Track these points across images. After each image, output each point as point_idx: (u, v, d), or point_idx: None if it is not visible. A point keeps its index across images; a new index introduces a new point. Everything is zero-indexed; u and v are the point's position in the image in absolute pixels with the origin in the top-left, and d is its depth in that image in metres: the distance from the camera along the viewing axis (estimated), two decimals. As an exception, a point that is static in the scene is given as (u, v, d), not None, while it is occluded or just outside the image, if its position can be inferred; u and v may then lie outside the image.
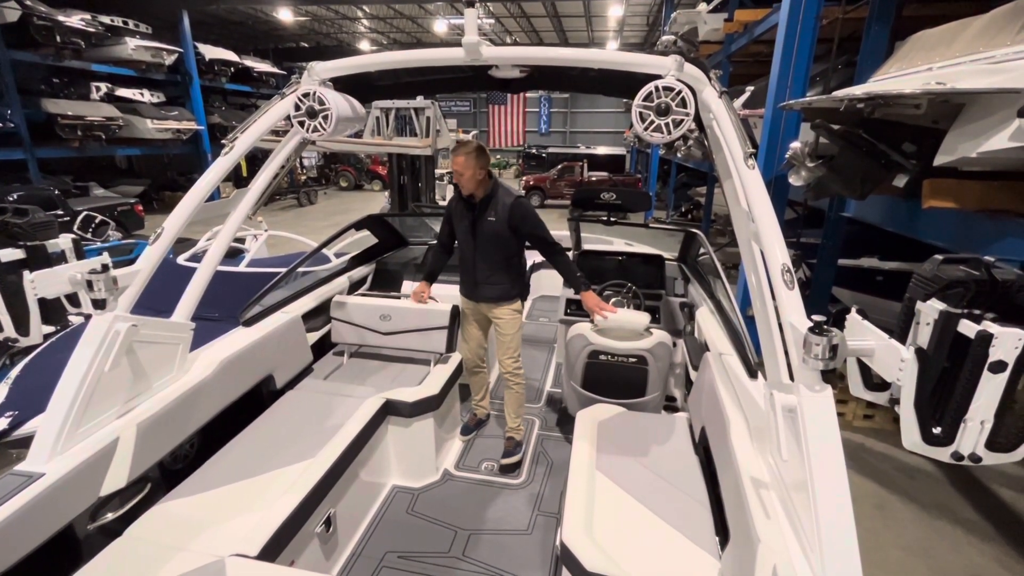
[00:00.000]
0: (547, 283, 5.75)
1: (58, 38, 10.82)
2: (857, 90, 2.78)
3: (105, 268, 1.69)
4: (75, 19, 11.09)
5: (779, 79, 4.35)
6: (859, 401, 5.17)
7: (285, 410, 2.56)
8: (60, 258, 1.76)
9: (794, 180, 3.38)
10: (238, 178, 15.29)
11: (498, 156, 28.61)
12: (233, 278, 3.99)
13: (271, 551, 1.68)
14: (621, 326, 2.77)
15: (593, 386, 2.82)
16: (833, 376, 4.44)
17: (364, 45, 21.79)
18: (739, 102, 6.37)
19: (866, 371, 1.27)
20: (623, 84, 1.86)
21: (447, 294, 3.21)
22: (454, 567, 2.25)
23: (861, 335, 1.24)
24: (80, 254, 1.77)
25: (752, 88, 6.34)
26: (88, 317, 1.75)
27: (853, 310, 1.25)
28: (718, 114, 1.66)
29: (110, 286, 1.70)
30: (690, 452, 2.30)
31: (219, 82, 16.27)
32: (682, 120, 1.58)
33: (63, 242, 1.73)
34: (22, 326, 1.62)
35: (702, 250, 3.65)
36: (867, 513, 3.32)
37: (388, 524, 2.49)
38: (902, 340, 1.18)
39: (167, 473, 2.12)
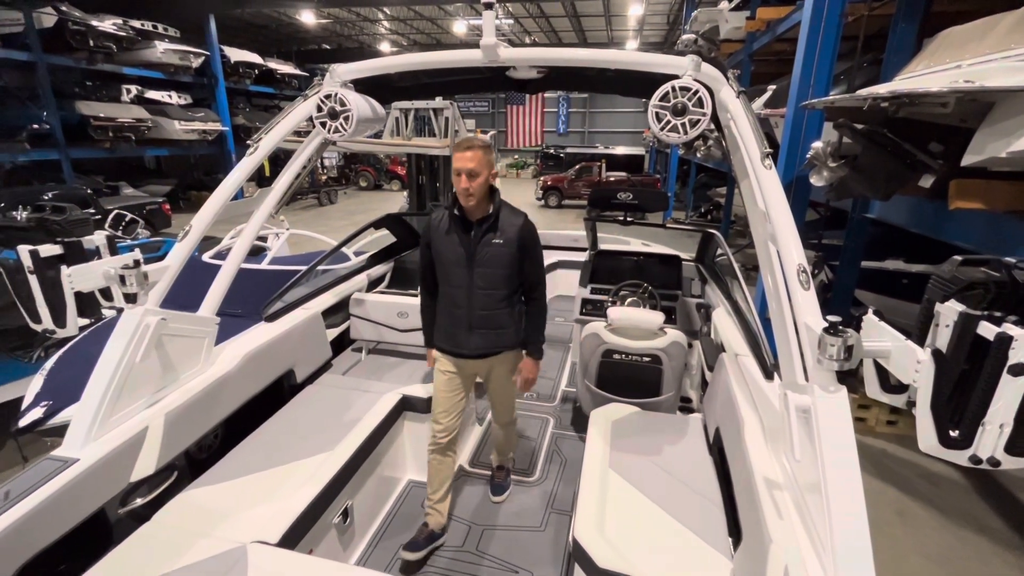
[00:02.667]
0: (563, 283, 5.75)
1: (91, 42, 11.21)
2: (881, 88, 2.73)
3: (137, 264, 1.78)
4: (108, 24, 11.47)
5: (801, 78, 4.28)
6: (882, 406, 5.06)
7: (305, 404, 2.62)
8: (94, 254, 1.84)
9: (815, 180, 3.32)
10: (260, 178, 15.61)
11: (516, 156, 28.64)
12: (255, 275, 4.09)
13: (291, 539, 1.73)
14: (635, 325, 2.76)
15: (607, 385, 2.82)
16: (854, 380, 4.36)
17: (384, 46, 22.03)
18: (760, 101, 6.28)
19: (883, 373, 1.25)
20: (640, 84, 1.86)
21: None
22: (467, 561, 2.28)
23: (877, 336, 1.22)
24: (113, 250, 1.85)
25: (774, 87, 6.23)
26: (120, 311, 1.83)
27: (869, 311, 1.24)
28: (735, 114, 1.65)
29: (141, 281, 1.79)
30: (704, 453, 2.29)
31: (243, 84, 16.64)
32: (699, 120, 1.58)
33: (97, 239, 1.81)
34: (59, 318, 1.70)
35: (720, 251, 3.62)
36: (888, 519, 3.25)
37: (404, 517, 2.53)
38: (921, 342, 1.16)
39: (193, 462, 2.20)
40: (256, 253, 5.04)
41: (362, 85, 2.11)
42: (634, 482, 2.03)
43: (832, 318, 1.24)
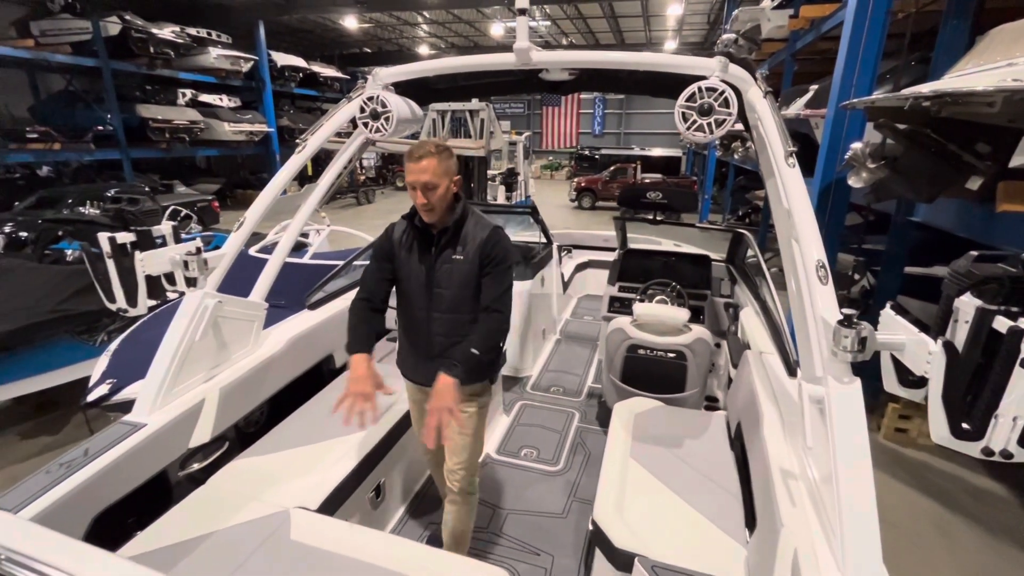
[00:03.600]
0: (592, 282, 5.78)
1: (152, 49, 11.92)
2: (924, 88, 2.66)
3: (198, 251, 1.98)
4: (166, 31, 12.17)
5: (843, 77, 4.18)
6: (924, 418, 4.87)
7: (343, 387, 2.75)
8: (162, 242, 2.04)
9: (853, 182, 3.25)
10: (302, 177, 16.21)
11: (550, 158, 28.65)
12: (298, 269, 4.29)
13: (328, 507, 1.87)
14: (660, 321, 2.78)
15: (632, 380, 2.86)
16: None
17: (423, 49, 22.45)
18: (801, 102, 6.13)
19: (902, 368, 1.26)
20: (669, 85, 1.90)
21: None
22: (491, 541, 2.38)
23: (893, 330, 1.24)
24: (178, 239, 2.04)
25: (816, 87, 6.07)
26: (181, 294, 2.02)
27: (888, 305, 1.25)
28: (762, 114, 1.68)
29: (202, 267, 1.99)
30: (726, 447, 2.30)
31: (288, 87, 17.30)
32: (724, 120, 1.62)
33: (164, 228, 2.01)
34: (131, 298, 1.89)
35: (750, 252, 3.59)
36: (926, 533, 3.15)
37: (432, 498, 2.63)
38: (939, 336, 1.17)
39: (242, 435, 2.38)
40: (298, 249, 5.29)
41: (402, 87, 2.23)
42: (654, 471, 2.07)
43: (847, 311, 1.26)
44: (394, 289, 2.00)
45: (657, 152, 19.89)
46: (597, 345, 4.42)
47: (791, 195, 1.56)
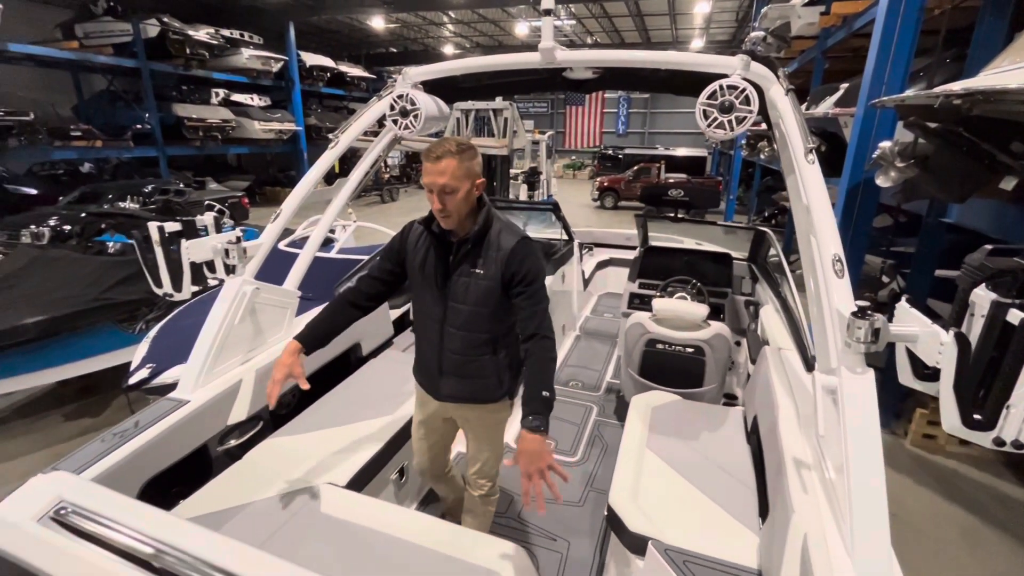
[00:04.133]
0: (613, 280, 5.79)
1: (188, 50, 12.34)
2: (956, 86, 2.61)
3: (238, 240, 2.10)
4: (202, 33, 12.59)
5: (874, 74, 4.10)
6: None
7: (369, 374, 2.86)
8: (205, 232, 2.16)
9: (881, 181, 3.20)
10: (329, 175, 16.49)
11: (572, 157, 28.57)
12: (325, 264, 4.42)
13: (356, 484, 1.97)
14: (679, 316, 2.80)
15: (650, 374, 2.88)
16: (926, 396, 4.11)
17: (448, 49, 22.65)
18: (831, 100, 6.02)
19: (917, 361, 1.27)
20: (692, 84, 1.93)
21: None
22: (509, 526, 2.44)
23: (907, 322, 1.25)
24: (219, 229, 2.16)
25: (847, 85, 5.95)
26: (221, 281, 2.15)
27: (903, 298, 1.26)
28: (783, 111, 1.70)
29: (241, 255, 2.11)
30: (742, 441, 2.32)
31: (316, 86, 17.65)
32: (745, 117, 1.64)
33: (207, 218, 2.13)
34: (177, 284, 2.02)
35: (772, 250, 3.56)
36: (951, 540, 3.09)
37: None
38: (953, 328, 1.18)
39: (274, 416, 2.50)
40: (324, 244, 5.43)
41: (429, 86, 2.30)
42: (670, 461, 2.10)
43: (860, 303, 1.28)
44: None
45: (682, 152, 19.65)
46: (616, 342, 4.44)
47: (810, 190, 1.58)
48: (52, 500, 1.34)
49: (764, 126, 2.03)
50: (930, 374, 1.23)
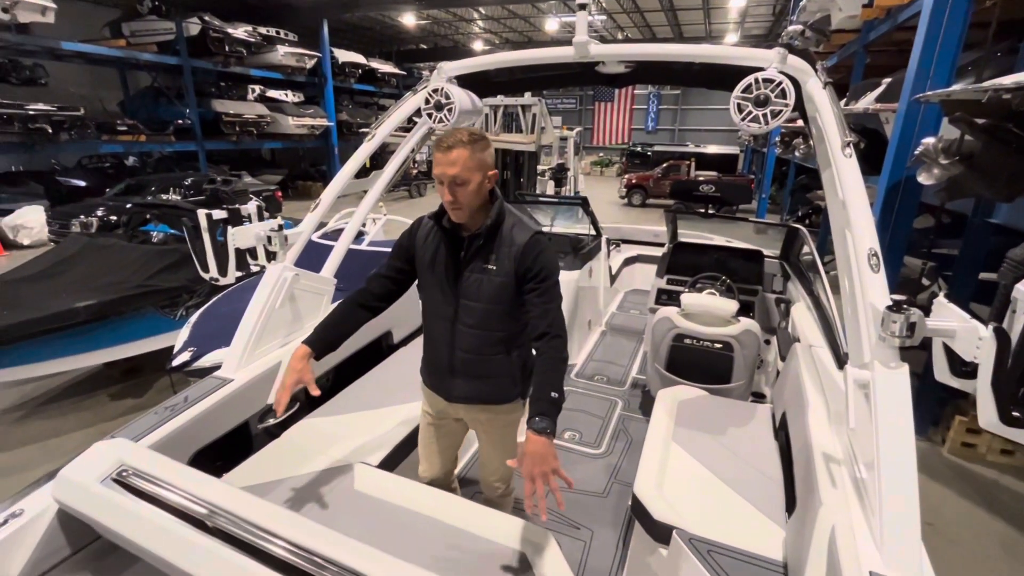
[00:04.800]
0: (639, 277, 5.76)
1: (227, 47, 12.73)
2: (1006, 80, 2.50)
3: (280, 228, 2.19)
4: (240, 31, 12.97)
5: (919, 69, 3.95)
6: (995, 435, 4.54)
7: (400, 361, 2.93)
8: (248, 220, 2.26)
9: (923, 179, 3.10)
10: (361, 170, 16.75)
11: (600, 154, 28.32)
12: (356, 255, 4.53)
13: (387, 465, 2.04)
14: (708, 311, 2.77)
15: (677, 369, 2.86)
16: (966, 403, 3.95)
17: (477, 45, 22.72)
18: (872, 96, 5.81)
19: (954, 358, 1.25)
20: (726, 77, 1.91)
21: None
22: (533, 513, 2.45)
23: (945, 317, 1.22)
24: (261, 217, 2.26)
25: (889, 80, 5.75)
26: (263, 268, 2.25)
27: (941, 294, 1.24)
28: (820, 105, 1.67)
29: (283, 242, 2.21)
30: (770, 437, 2.29)
31: (348, 83, 17.92)
32: (780, 111, 1.62)
33: (251, 207, 2.22)
34: (222, 269, 2.13)
35: (805, 248, 3.49)
36: (991, 552, 2.98)
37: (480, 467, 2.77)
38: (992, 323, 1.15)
39: (310, 398, 2.60)
40: (356, 237, 5.56)
41: (463, 80, 2.34)
42: (695, 454, 2.09)
43: (896, 297, 1.26)
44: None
45: (712, 149, 19.28)
46: (643, 338, 4.42)
47: (846, 185, 1.55)
48: (114, 464, 1.46)
49: (799, 122, 2.00)
50: (968, 371, 1.21)
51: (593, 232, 4.85)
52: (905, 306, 1.22)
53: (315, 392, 1.66)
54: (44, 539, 1.47)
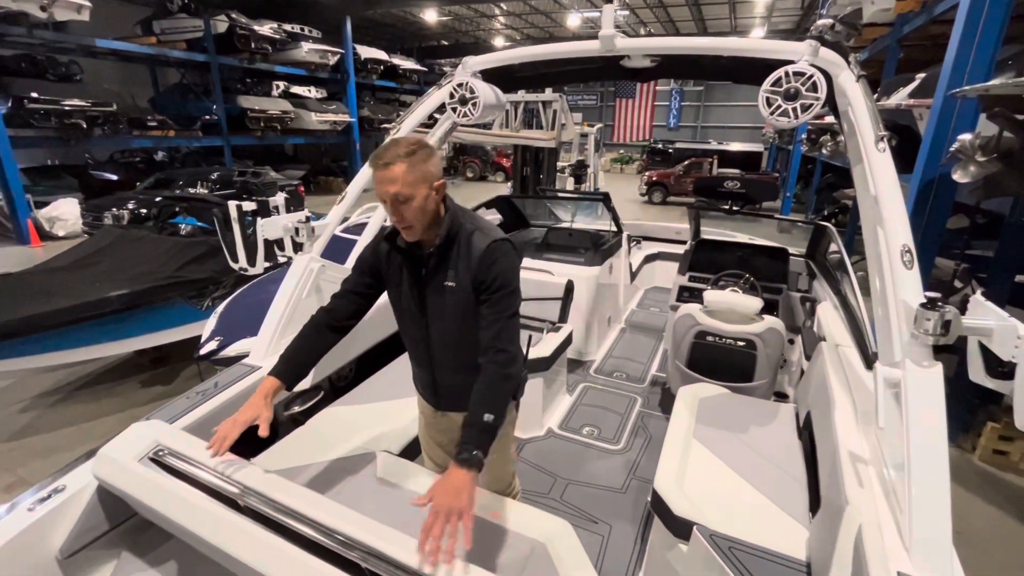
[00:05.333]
0: (661, 274, 5.70)
1: (253, 45, 12.96)
2: (1051, 73, 2.41)
3: (308, 220, 2.24)
4: (266, 28, 13.18)
5: (956, 63, 3.82)
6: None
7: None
8: (276, 211, 2.31)
9: (959, 176, 3.00)
10: (380, 166, 16.89)
11: (621, 151, 28.06)
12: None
13: (408, 454, 2.07)
14: (731, 308, 2.74)
15: (698, 366, 2.83)
16: (999, 410, 3.82)
17: (498, 41, 22.69)
18: (906, 91, 5.65)
19: (990, 358, 1.21)
20: (755, 71, 1.88)
21: (560, 271, 3.40)
22: (551, 507, 2.47)
23: (981, 315, 1.19)
24: (288, 210, 2.30)
25: (924, 75, 5.57)
26: (290, 259, 2.30)
27: (977, 292, 1.20)
28: (853, 98, 1.63)
29: (310, 234, 2.25)
30: (793, 436, 2.25)
31: (370, 79, 18.06)
32: (811, 105, 1.59)
33: (279, 199, 2.27)
34: (251, 259, 2.18)
35: (832, 246, 3.41)
36: (1022, 564, 2.89)
37: None
38: None
39: (334, 387, 2.65)
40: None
41: (487, 75, 2.34)
42: (716, 452, 2.07)
43: (931, 294, 1.22)
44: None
45: (735, 147, 18.93)
46: (663, 335, 4.38)
47: (879, 180, 1.51)
48: (150, 443, 1.53)
49: (828, 118, 1.95)
50: (1005, 371, 1.17)
51: (614, 228, 4.82)
52: (940, 303, 1.19)
53: (264, 433, 1.52)
54: (84, 514, 1.55)
